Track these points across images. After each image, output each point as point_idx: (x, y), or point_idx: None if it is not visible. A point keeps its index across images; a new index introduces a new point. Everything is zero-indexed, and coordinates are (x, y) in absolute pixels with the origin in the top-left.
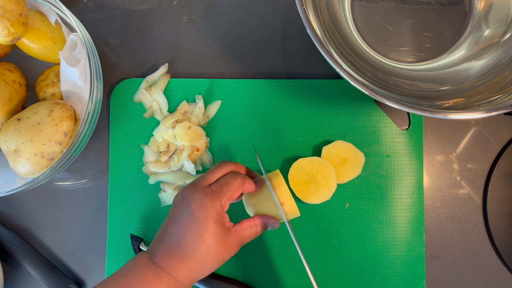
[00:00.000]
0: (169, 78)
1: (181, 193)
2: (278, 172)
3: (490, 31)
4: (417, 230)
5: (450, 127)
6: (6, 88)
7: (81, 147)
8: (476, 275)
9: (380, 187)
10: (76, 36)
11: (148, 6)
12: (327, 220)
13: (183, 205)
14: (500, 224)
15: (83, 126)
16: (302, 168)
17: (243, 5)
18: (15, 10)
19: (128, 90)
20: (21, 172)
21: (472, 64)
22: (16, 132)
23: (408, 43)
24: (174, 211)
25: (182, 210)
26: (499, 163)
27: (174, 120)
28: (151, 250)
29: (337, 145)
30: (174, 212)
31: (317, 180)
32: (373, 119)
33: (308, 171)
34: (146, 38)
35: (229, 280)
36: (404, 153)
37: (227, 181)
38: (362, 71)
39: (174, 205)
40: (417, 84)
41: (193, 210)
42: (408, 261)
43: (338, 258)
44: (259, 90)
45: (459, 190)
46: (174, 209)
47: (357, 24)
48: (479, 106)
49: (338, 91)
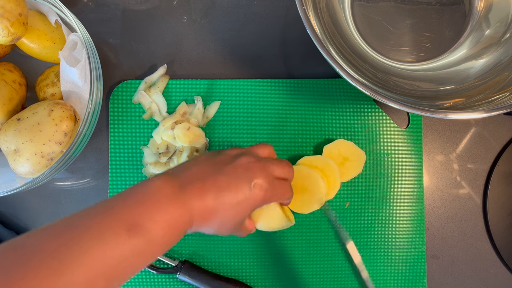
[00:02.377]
0: (168, 79)
1: (248, 161)
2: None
3: (490, 31)
4: (417, 228)
5: (450, 127)
6: (6, 88)
7: (81, 147)
8: (476, 275)
9: (380, 186)
10: (76, 36)
11: (148, 6)
12: (327, 219)
13: (246, 171)
14: (500, 224)
15: (83, 126)
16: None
17: (243, 5)
18: (15, 10)
19: (127, 91)
20: (21, 172)
21: (472, 64)
22: (16, 132)
23: (408, 43)
24: (232, 166)
25: (241, 174)
26: (499, 163)
27: (173, 121)
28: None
29: (338, 144)
30: (231, 167)
31: (312, 187)
32: (373, 118)
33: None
34: (146, 38)
35: (230, 280)
36: (404, 151)
37: (285, 191)
38: (362, 71)
39: (234, 161)
40: (417, 84)
41: (253, 185)
42: (409, 260)
43: (338, 257)
44: (259, 90)
45: (459, 190)
46: (233, 165)
47: (357, 24)
48: (479, 106)
49: (338, 91)
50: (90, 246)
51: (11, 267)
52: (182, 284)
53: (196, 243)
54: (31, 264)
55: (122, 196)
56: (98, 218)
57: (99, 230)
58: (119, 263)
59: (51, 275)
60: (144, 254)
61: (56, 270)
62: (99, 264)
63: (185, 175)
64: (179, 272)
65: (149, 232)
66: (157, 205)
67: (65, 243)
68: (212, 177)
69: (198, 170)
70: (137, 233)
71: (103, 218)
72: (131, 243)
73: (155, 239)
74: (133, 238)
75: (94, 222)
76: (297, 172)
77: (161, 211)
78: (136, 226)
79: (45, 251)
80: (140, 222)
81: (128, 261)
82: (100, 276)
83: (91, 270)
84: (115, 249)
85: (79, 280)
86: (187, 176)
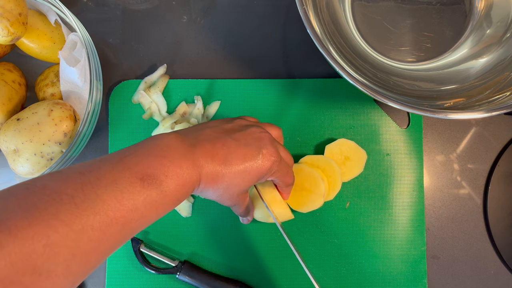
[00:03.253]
0: (168, 79)
1: (259, 131)
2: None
3: (490, 30)
4: (418, 228)
5: (451, 127)
6: (5, 88)
7: (80, 147)
8: (477, 275)
9: (381, 186)
10: (75, 36)
11: (148, 6)
12: (327, 219)
13: (256, 140)
14: (500, 224)
15: (82, 126)
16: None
17: (243, 5)
18: (15, 10)
19: (127, 91)
20: (21, 172)
21: (472, 64)
22: (16, 132)
23: (408, 43)
24: (242, 133)
25: (251, 142)
26: (499, 163)
27: (173, 121)
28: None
29: (340, 143)
30: (241, 133)
31: (312, 187)
32: (373, 118)
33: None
34: (146, 38)
35: (230, 281)
36: (404, 151)
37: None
38: (362, 71)
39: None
40: (417, 84)
41: (261, 153)
42: (410, 260)
43: (339, 257)
44: (258, 90)
45: (459, 190)
46: (243, 132)
47: (357, 23)
48: (479, 106)
49: (338, 90)
50: (104, 192)
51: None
52: (182, 284)
53: (196, 243)
54: (51, 206)
55: (133, 148)
56: (111, 166)
57: (113, 178)
58: (132, 212)
59: (68, 219)
60: (156, 206)
61: (73, 213)
62: (113, 211)
63: (194, 136)
64: (179, 272)
65: (162, 184)
66: (169, 158)
67: (80, 187)
68: (221, 140)
69: (208, 133)
70: (150, 184)
71: (116, 166)
72: (145, 193)
73: (166, 192)
74: (146, 189)
75: (107, 170)
76: (298, 171)
77: (173, 164)
78: (150, 177)
79: (63, 194)
80: (154, 174)
81: (140, 211)
82: (115, 223)
83: (105, 217)
84: (129, 197)
85: (94, 225)
86: (197, 137)
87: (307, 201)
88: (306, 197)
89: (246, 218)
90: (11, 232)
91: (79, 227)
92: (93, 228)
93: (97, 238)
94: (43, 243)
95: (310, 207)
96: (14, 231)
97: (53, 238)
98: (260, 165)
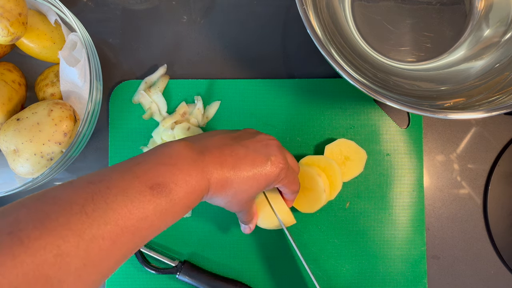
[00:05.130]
0: (168, 79)
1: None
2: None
3: (490, 30)
4: (418, 228)
5: (450, 127)
6: (5, 88)
7: (80, 147)
8: (477, 275)
9: (381, 186)
10: (75, 36)
11: (148, 5)
12: (327, 219)
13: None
14: (500, 224)
15: (82, 126)
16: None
17: (243, 5)
18: (15, 9)
19: (127, 92)
20: (21, 172)
21: (472, 64)
22: (16, 132)
23: (408, 43)
24: (251, 140)
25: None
26: (499, 163)
27: (173, 121)
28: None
29: (340, 143)
30: (250, 141)
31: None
32: (373, 118)
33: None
34: (146, 38)
35: (230, 281)
36: (404, 151)
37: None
38: (362, 71)
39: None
40: (417, 84)
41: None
42: (410, 260)
43: (339, 257)
44: (258, 90)
45: (459, 190)
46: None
47: (357, 23)
48: (479, 106)
49: (338, 90)
50: (114, 201)
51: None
52: (182, 284)
53: (196, 243)
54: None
55: (142, 156)
56: (120, 175)
57: (123, 187)
58: (142, 220)
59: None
60: (166, 215)
61: (83, 223)
62: (123, 220)
63: (203, 143)
64: (179, 272)
65: (171, 193)
66: (178, 166)
67: (91, 196)
68: (230, 147)
69: (217, 140)
70: (160, 192)
71: (126, 175)
72: (155, 201)
73: (176, 200)
74: (156, 197)
75: (117, 179)
76: (299, 172)
77: (182, 172)
78: (160, 186)
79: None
80: (163, 182)
81: (150, 219)
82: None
83: (116, 226)
84: (139, 206)
85: (104, 235)
86: (205, 144)
87: (308, 202)
88: (308, 197)
89: (248, 227)
90: (23, 243)
91: (89, 236)
92: (104, 237)
93: (107, 247)
94: (54, 253)
95: (316, 206)
96: (26, 242)
97: (64, 248)
98: (268, 171)
